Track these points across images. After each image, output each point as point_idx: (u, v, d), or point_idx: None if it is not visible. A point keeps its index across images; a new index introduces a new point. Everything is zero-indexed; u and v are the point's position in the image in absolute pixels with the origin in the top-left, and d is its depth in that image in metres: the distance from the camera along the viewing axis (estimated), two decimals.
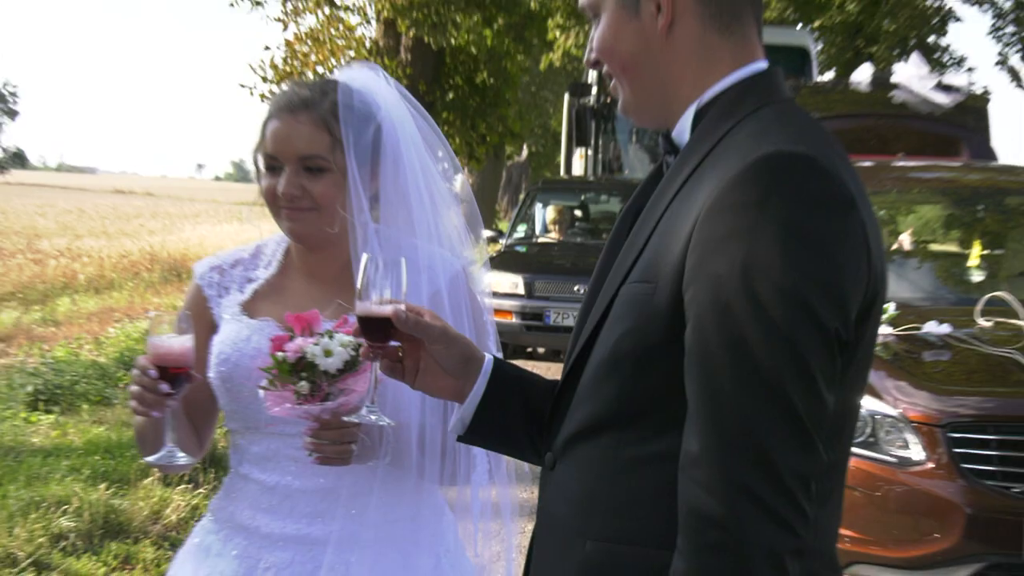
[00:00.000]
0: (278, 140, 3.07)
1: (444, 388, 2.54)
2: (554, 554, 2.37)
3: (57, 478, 9.26)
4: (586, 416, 2.29)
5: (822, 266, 2.00)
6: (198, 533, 3.32)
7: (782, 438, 1.97)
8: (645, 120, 2.44)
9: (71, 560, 7.99)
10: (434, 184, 3.15)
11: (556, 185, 21.74)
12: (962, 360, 7.25)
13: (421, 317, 2.45)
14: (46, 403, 12.63)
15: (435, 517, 3.21)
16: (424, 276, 3.05)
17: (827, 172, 2.07)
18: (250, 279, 3.30)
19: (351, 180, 3.02)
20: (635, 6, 2.28)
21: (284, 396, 2.84)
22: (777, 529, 1.96)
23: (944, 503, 6.64)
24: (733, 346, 1.98)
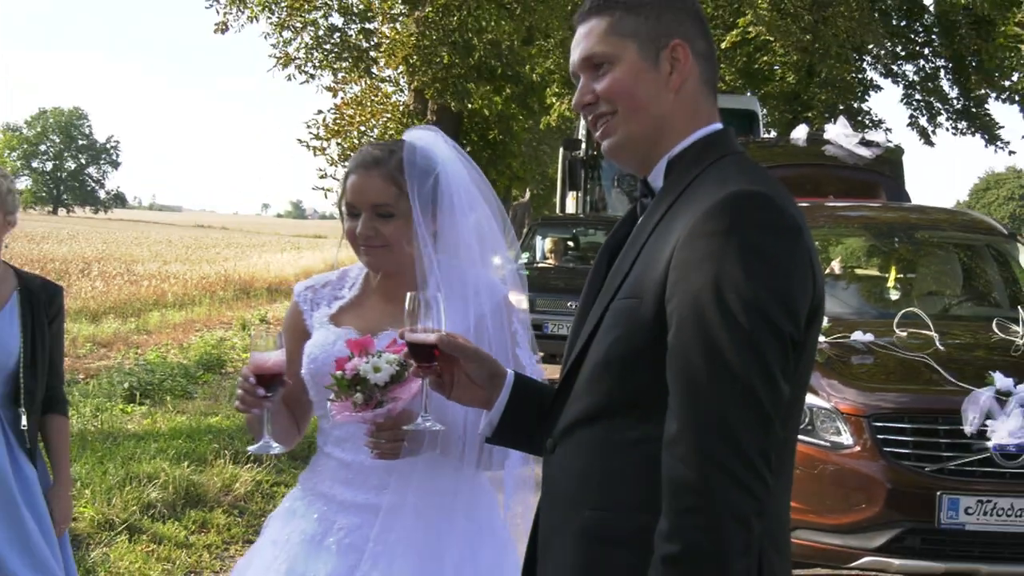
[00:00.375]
0: (355, 192, 3.19)
1: (474, 398, 2.60)
2: (557, 521, 2.38)
3: (147, 458, 9.26)
4: (583, 408, 2.32)
5: (777, 282, 2.09)
6: (288, 499, 3.39)
7: (748, 421, 2.04)
8: (628, 161, 2.44)
9: (158, 525, 7.99)
10: (483, 221, 3.21)
11: (553, 221, 21.78)
12: (882, 363, 7.24)
13: (456, 339, 2.54)
14: (139, 397, 12.67)
15: (472, 492, 3.20)
16: (473, 298, 3.13)
17: (779, 206, 2.15)
18: (337, 297, 3.38)
19: (416, 222, 3.10)
20: (655, 61, 2.33)
21: (345, 406, 2.93)
22: (743, 494, 2.02)
23: (869, 480, 6.63)
24: (708, 347, 2.06)
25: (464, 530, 3.15)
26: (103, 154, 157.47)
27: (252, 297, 30.19)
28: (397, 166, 3.14)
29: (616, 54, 2.35)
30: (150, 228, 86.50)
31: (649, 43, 2.33)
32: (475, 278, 3.18)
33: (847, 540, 6.60)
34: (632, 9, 2.35)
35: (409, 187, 3.10)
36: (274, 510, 3.39)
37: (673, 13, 2.36)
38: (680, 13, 2.37)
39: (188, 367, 14.85)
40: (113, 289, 27.33)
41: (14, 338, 4.34)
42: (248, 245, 57.56)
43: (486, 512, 3.23)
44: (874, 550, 6.59)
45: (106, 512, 7.99)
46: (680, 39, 2.34)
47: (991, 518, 6.53)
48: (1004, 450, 6.50)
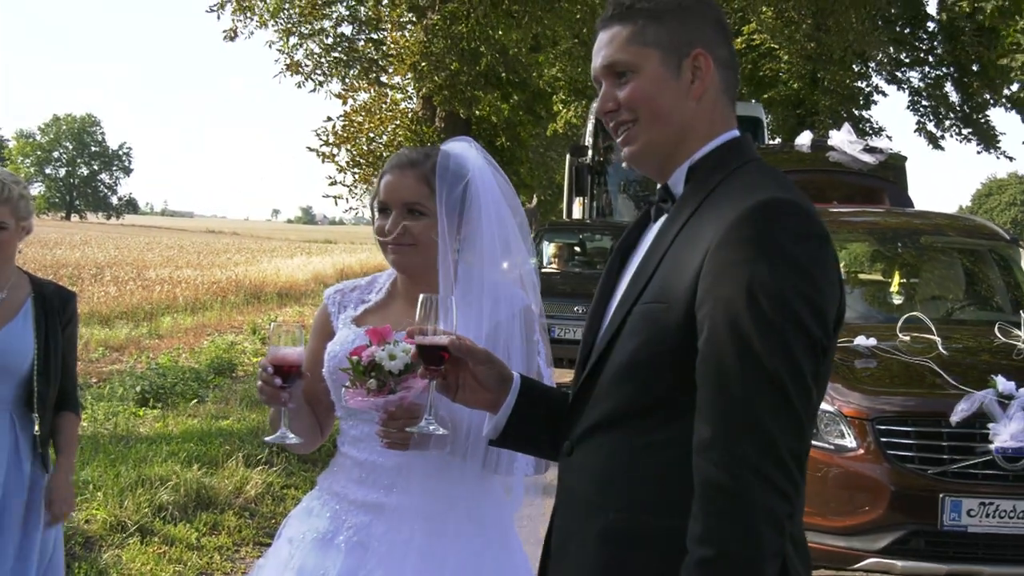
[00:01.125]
0: (389, 190, 3.22)
1: (481, 401, 2.58)
2: (576, 523, 2.37)
3: (159, 460, 9.26)
4: (606, 410, 2.32)
5: (808, 288, 2.10)
6: (306, 499, 3.40)
7: (782, 425, 2.06)
8: (648, 167, 2.44)
9: (170, 527, 7.99)
10: (510, 233, 3.22)
11: (560, 226, 21.77)
12: (886, 367, 7.23)
13: (465, 343, 2.52)
14: (151, 400, 12.69)
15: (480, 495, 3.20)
16: (492, 304, 3.14)
17: (808, 213, 2.17)
18: (364, 300, 3.40)
19: (440, 226, 3.12)
20: (677, 70, 2.33)
21: (359, 392, 2.91)
22: (777, 497, 2.04)
23: (872, 482, 6.62)
24: (742, 352, 2.06)
25: (469, 532, 3.15)
26: (115, 161, 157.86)
27: (263, 302, 30.20)
28: (431, 169, 3.16)
29: (638, 63, 2.35)
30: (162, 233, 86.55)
31: (672, 52, 2.34)
32: (495, 285, 3.19)
33: (851, 542, 6.59)
34: (655, 17, 2.34)
35: (438, 190, 3.12)
36: (286, 511, 3.41)
37: (696, 21, 2.36)
38: (703, 21, 2.37)
39: (199, 371, 14.87)
40: (125, 294, 27.36)
41: (28, 343, 4.35)
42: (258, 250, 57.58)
43: (494, 514, 3.22)
44: (878, 552, 6.59)
45: (118, 514, 8.00)
46: (702, 48, 2.34)
47: (993, 520, 6.52)
48: (1006, 453, 6.48)
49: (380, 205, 3.25)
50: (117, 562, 7.23)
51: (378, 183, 3.29)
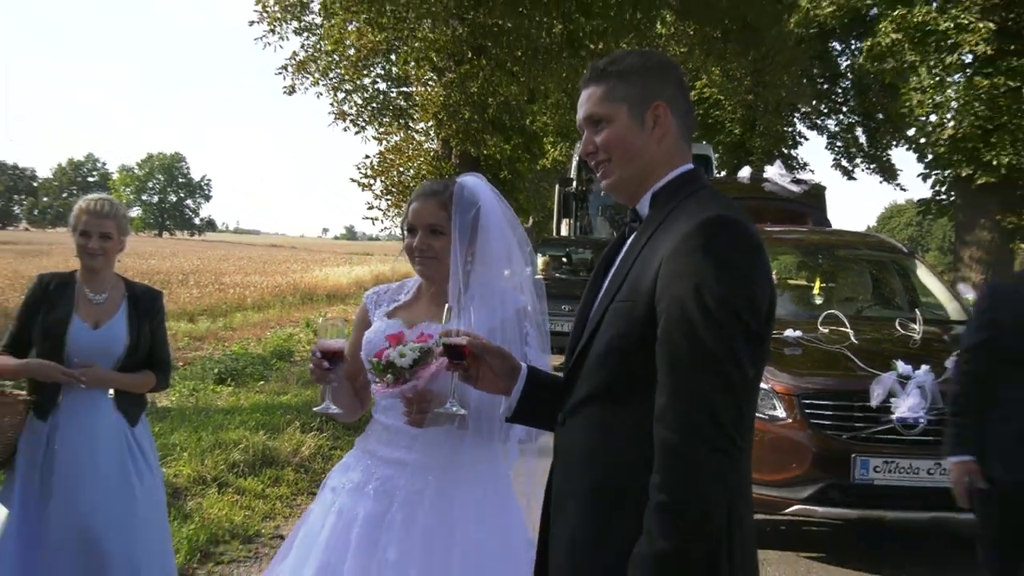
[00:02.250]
0: (415, 214, 3.26)
1: (497, 387, 2.64)
2: (569, 481, 2.39)
3: (232, 427, 9.27)
4: (589, 389, 2.34)
5: (744, 287, 2.13)
6: (346, 457, 3.42)
7: (722, 397, 2.08)
8: (621, 195, 2.46)
9: (240, 480, 8.01)
10: (511, 249, 3.25)
11: (551, 242, 21.81)
12: (809, 354, 7.25)
13: (481, 340, 2.60)
14: (226, 379, 12.72)
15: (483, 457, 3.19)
16: (499, 305, 3.16)
17: (745, 228, 2.20)
18: (395, 300, 3.43)
19: (453, 244, 3.15)
20: (640, 120, 2.37)
21: (382, 385, 3.05)
22: (718, 455, 2.07)
23: (798, 445, 6.65)
24: (691, 339, 2.10)
25: (472, 484, 3.16)
26: (198, 189, 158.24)
27: (314, 302, 30.38)
28: (449, 198, 3.20)
29: (611, 114, 2.40)
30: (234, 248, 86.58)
31: (637, 105, 2.38)
32: (501, 290, 3.22)
33: (782, 492, 6.61)
34: (623, 78, 2.39)
35: (454, 215, 3.16)
36: (332, 467, 3.40)
37: (657, 80, 2.40)
38: (663, 80, 2.41)
39: (264, 356, 14.97)
40: (205, 295, 27.51)
41: (123, 332, 4.38)
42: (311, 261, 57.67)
43: (492, 470, 3.22)
44: (802, 500, 6.63)
45: (200, 470, 8.00)
46: (661, 101, 2.38)
47: (894, 475, 6.58)
48: (905, 422, 6.59)
49: (408, 226, 3.28)
50: (199, 508, 7.23)
51: (407, 208, 3.32)
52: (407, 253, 3.31)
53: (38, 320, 4.30)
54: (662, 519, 2.06)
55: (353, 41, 22.01)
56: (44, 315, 4.30)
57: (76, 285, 4.38)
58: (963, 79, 17.15)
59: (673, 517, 2.06)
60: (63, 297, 4.34)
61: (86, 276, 4.39)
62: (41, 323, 4.30)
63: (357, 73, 22.89)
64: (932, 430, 6.59)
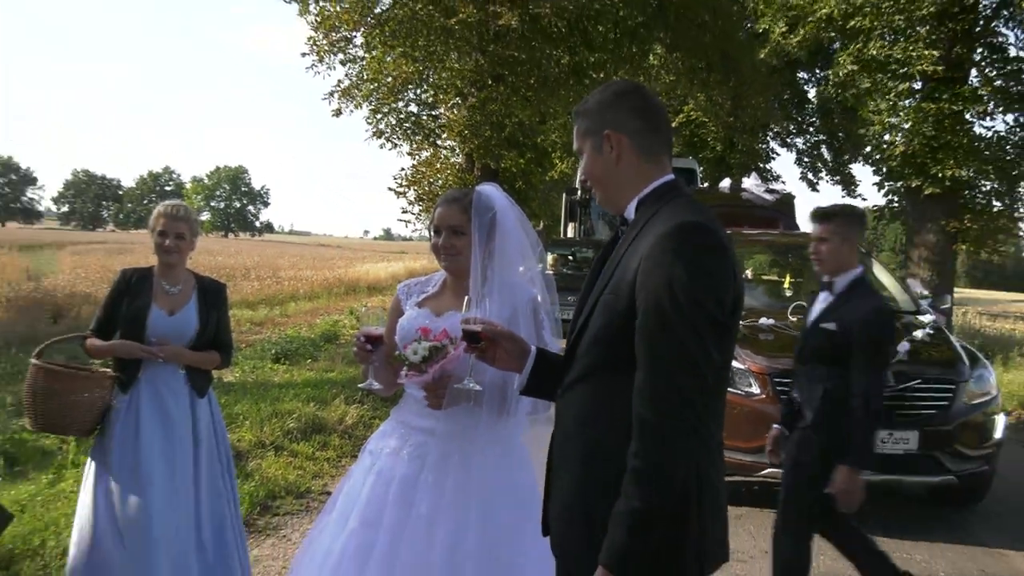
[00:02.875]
0: (441, 218, 3.26)
1: (511, 366, 2.66)
2: (567, 445, 2.40)
3: (287, 399, 9.32)
4: (582, 368, 2.35)
5: (710, 283, 2.13)
6: (384, 424, 3.41)
7: (688, 377, 2.09)
8: (610, 208, 2.45)
9: (294, 445, 8.06)
10: (524, 247, 3.25)
11: (559, 242, 21.84)
12: (780, 339, 7.23)
13: (496, 327, 2.63)
14: (281, 359, 12.76)
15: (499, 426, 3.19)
16: (511, 295, 3.16)
17: (711, 232, 2.19)
18: (423, 291, 3.42)
19: (473, 244, 3.15)
20: (599, 149, 2.39)
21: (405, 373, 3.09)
22: (683, 425, 2.09)
23: (770, 417, 6.59)
24: (664, 327, 2.11)
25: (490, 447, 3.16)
26: (258, 197, 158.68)
27: (356, 293, 30.47)
28: (469, 203, 3.20)
29: (581, 148, 2.45)
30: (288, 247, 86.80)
31: (593, 136, 2.40)
32: (514, 282, 3.21)
33: (756, 457, 6.57)
34: (585, 115, 2.44)
35: (473, 218, 3.16)
36: (372, 434, 3.41)
37: (609, 110, 2.40)
38: (615, 108, 2.40)
39: (314, 339, 15.03)
40: (264, 287, 27.59)
41: (194, 319, 4.41)
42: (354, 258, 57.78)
43: (506, 436, 3.22)
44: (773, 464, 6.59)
45: (259, 436, 8.05)
46: (610, 129, 2.38)
47: None
48: None
49: (435, 228, 3.28)
50: (259, 468, 7.26)
51: (434, 212, 3.32)
52: (433, 251, 3.32)
53: (122, 308, 4.33)
54: (637, 480, 2.09)
55: (390, 71, 22.08)
56: (128, 304, 4.32)
57: (154, 278, 4.41)
58: (913, 104, 17.08)
59: (645, 481, 2.08)
60: (143, 289, 4.37)
61: (162, 270, 4.42)
62: (125, 311, 4.32)
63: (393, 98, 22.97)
64: (885, 404, 6.57)
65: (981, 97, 16.83)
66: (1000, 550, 6.40)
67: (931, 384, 6.72)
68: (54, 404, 4.13)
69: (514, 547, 3.03)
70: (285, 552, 5.79)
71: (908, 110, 17.13)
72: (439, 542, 3.00)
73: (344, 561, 3.06)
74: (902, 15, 16.51)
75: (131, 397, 4.29)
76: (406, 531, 3.05)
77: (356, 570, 3.03)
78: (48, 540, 5.38)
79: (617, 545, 2.10)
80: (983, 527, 6.91)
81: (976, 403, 6.83)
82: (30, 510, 5.85)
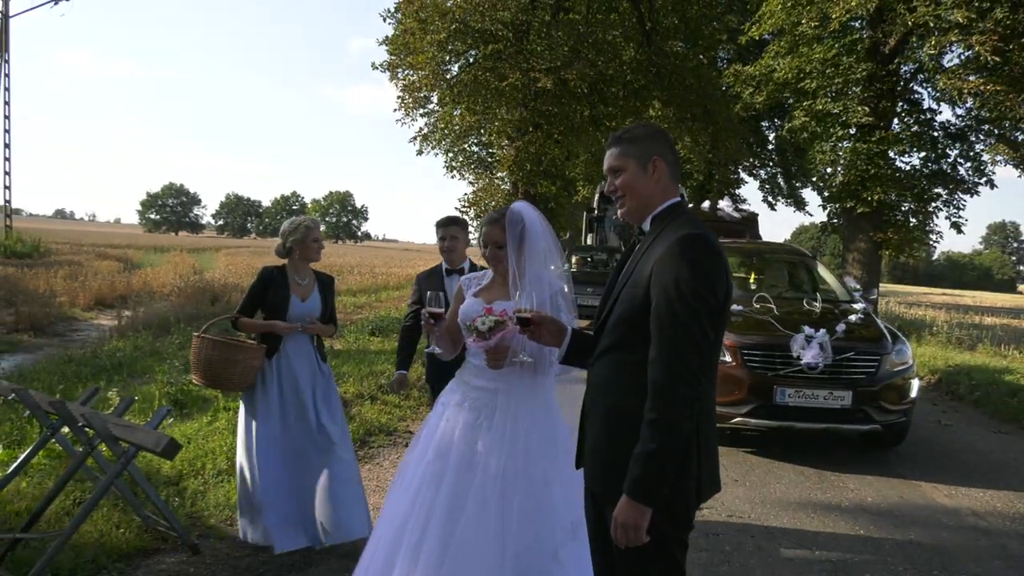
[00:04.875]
0: (486, 235, 3.22)
1: (552, 342, 2.60)
2: (594, 404, 2.36)
3: (380, 362, 9.36)
4: (608, 343, 2.30)
5: (706, 280, 2.09)
6: (451, 383, 3.33)
7: (691, 351, 2.06)
8: (632, 219, 2.39)
9: (384, 396, 8.08)
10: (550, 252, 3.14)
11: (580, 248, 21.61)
12: (746, 320, 7.11)
13: (542, 314, 2.60)
14: (376, 333, 12.82)
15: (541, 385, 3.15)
16: (546, 287, 3.07)
17: (710, 241, 2.15)
18: (479, 284, 3.35)
19: (509, 249, 3.08)
20: (644, 169, 2.32)
21: (471, 339, 3.05)
22: (689, 388, 2.05)
23: (738, 379, 6.53)
24: (672, 313, 2.07)
25: (531, 400, 3.11)
26: (359, 213, 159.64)
27: None
28: (504, 221, 3.14)
29: (623, 166, 2.35)
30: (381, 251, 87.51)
31: (642, 159, 2.33)
32: (546, 277, 3.13)
33: (728, 409, 6.50)
34: (632, 142, 2.35)
35: (507, 231, 3.10)
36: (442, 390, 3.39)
37: (655, 142, 2.34)
38: (659, 141, 2.35)
39: (398, 318, 15.02)
40: (363, 280, 27.81)
41: (318, 303, 4.43)
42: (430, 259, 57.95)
43: (543, 392, 3.17)
44: (742, 415, 6.50)
45: (359, 389, 8.10)
46: (658, 155, 2.33)
47: (801, 399, 6.44)
48: (809, 365, 6.45)
49: (483, 242, 3.26)
50: (359, 413, 7.31)
51: (481, 230, 3.28)
52: (484, 258, 3.30)
53: (267, 297, 4.35)
54: (652, 429, 2.05)
55: (457, 121, 22.17)
56: (272, 293, 4.35)
57: (288, 274, 4.44)
58: (849, 145, 16.79)
59: (658, 429, 2.04)
60: (282, 281, 4.40)
61: (296, 267, 4.44)
62: (270, 299, 4.34)
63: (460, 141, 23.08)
64: (826, 371, 6.47)
65: (901, 140, 16.55)
66: (914, 481, 6.25)
67: (862, 355, 6.60)
68: (220, 368, 4.14)
69: (548, 471, 3.01)
70: (378, 475, 5.82)
71: (845, 150, 16.85)
72: (493, 467, 2.99)
73: (424, 485, 3.06)
74: (840, 78, 16.28)
75: (275, 362, 4.32)
76: (468, 461, 3.05)
77: (432, 490, 3.03)
78: (207, 464, 5.47)
79: (636, 478, 2.07)
80: (901, 464, 6.76)
81: (897, 370, 6.69)
82: (194, 442, 5.95)
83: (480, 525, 2.91)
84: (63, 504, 4.46)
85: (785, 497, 5.69)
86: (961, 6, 13.78)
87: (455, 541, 2.91)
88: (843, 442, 7.47)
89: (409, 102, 21.93)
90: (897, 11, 15.09)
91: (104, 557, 3.93)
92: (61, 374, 8.34)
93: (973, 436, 8.07)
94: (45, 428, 4.29)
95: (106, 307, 16.71)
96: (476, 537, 2.89)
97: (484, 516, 2.91)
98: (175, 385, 7.49)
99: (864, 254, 17.07)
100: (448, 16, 19.44)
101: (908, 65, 16.66)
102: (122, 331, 12.01)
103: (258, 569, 4.01)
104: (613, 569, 2.29)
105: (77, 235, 61.14)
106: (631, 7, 21.25)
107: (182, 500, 4.83)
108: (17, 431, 5.86)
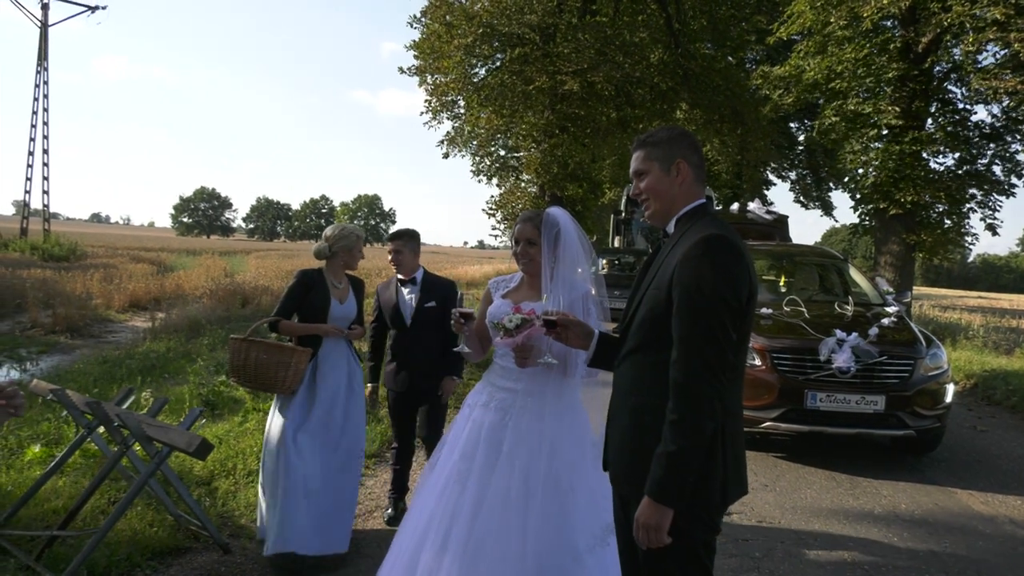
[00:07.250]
0: (519, 232, 3.20)
1: (580, 345, 2.61)
2: (620, 404, 2.34)
3: None
4: (633, 344, 2.28)
5: (727, 280, 2.05)
6: (477, 385, 3.34)
7: (711, 352, 2.03)
8: (656, 221, 2.37)
9: None
10: (581, 256, 3.16)
11: (607, 250, 21.55)
12: (776, 323, 7.04)
13: (568, 317, 2.62)
14: None
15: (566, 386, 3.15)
16: (573, 290, 3.08)
17: (731, 241, 2.11)
18: (507, 286, 3.35)
19: (543, 252, 3.11)
20: (668, 170, 2.31)
21: (499, 337, 3.02)
22: (710, 389, 2.02)
23: (769, 383, 6.45)
24: (694, 313, 2.04)
25: (557, 401, 3.11)
26: (387, 216, 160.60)
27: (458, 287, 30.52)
28: (539, 221, 3.16)
29: (648, 169, 2.33)
30: None
31: (665, 162, 2.31)
32: (574, 280, 3.13)
33: (758, 413, 6.44)
34: (655, 145, 2.33)
35: (543, 233, 3.12)
36: (469, 391, 3.39)
37: (677, 145, 2.32)
38: (681, 144, 2.33)
39: None
40: None
41: (354, 305, 4.51)
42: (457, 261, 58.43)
43: (569, 394, 3.17)
44: (772, 419, 6.43)
45: None
46: (681, 158, 2.31)
47: (832, 404, 6.35)
48: (840, 369, 6.36)
49: (515, 239, 3.24)
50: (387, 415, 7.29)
51: (514, 227, 3.27)
52: (514, 257, 3.28)
53: (307, 299, 4.36)
54: (673, 430, 2.03)
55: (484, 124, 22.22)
56: (312, 296, 4.37)
57: (325, 277, 4.46)
58: (880, 146, 16.54)
59: (679, 430, 2.02)
60: (321, 285, 4.42)
61: (334, 271, 4.48)
62: (310, 301, 4.36)
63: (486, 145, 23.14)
64: (858, 375, 6.38)
65: (935, 140, 16.26)
66: (950, 488, 6.13)
67: (895, 360, 6.50)
68: (272, 371, 4.16)
69: (572, 476, 3.00)
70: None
71: (876, 151, 16.60)
72: (517, 470, 2.98)
73: (450, 484, 3.07)
74: (872, 78, 16.06)
75: (315, 361, 4.35)
76: (493, 461, 3.05)
77: (458, 489, 3.04)
78: (238, 464, 5.52)
79: (658, 479, 2.05)
80: (935, 470, 6.64)
81: (931, 375, 6.58)
82: (225, 442, 6.00)
83: (503, 523, 2.91)
84: (98, 502, 4.54)
85: (816, 503, 5.61)
86: (999, 3, 13.53)
87: (477, 537, 2.92)
88: (876, 448, 7.36)
89: (436, 106, 22.06)
90: (931, 9, 14.85)
91: (138, 555, 3.99)
92: (96, 375, 8.48)
93: (1010, 442, 7.89)
94: (81, 428, 4.37)
95: (140, 309, 16.99)
96: (498, 535, 2.90)
97: (506, 515, 2.92)
98: (207, 386, 7.54)
99: (897, 256, 16.79)
100: (475, 20, 19.51)
101: (941, 64, 16.38)
102: (155, 333, 12.19)
103: (288, 568, 4.03)
104: (639, 571, 2.27)
105: (112, 238, 62.27)
106: (659, 9, 21.16)
107: (213, 500, 4.89)
108: (55, 430, 5.98)
